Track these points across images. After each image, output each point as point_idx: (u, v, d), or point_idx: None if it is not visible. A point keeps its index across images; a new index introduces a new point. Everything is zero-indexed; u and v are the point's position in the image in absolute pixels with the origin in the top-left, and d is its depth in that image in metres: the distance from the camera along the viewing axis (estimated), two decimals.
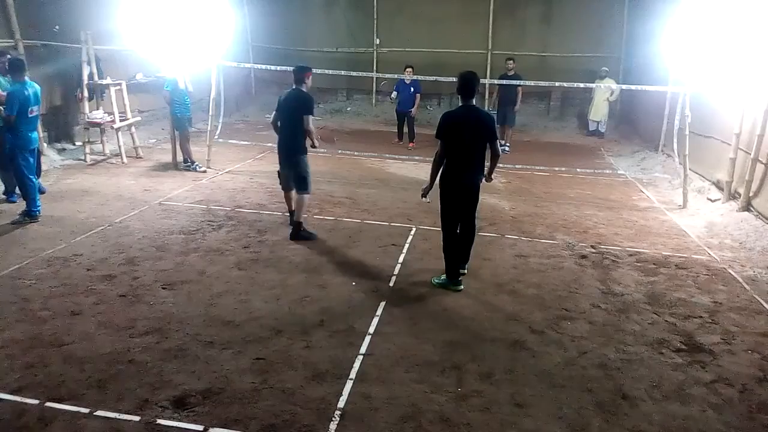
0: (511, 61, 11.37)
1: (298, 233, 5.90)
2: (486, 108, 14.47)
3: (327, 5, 14.68)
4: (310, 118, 5.79)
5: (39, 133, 6.15)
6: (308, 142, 5.91)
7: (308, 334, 4.05)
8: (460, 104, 4.79)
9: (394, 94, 11.13)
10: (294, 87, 5.92)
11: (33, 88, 6.02)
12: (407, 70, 10.85)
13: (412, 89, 11.02)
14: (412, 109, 11.13)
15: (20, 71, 5.94)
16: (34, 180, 6.12)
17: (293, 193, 6.05)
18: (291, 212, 6.19)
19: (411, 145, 11.15)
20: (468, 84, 4.70)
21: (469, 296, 4.80)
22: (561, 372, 3.71)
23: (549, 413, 3.28)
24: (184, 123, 8.66)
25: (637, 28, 12.82)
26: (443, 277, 4.96)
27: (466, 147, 4.67)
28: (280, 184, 6.23)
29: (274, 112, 6.10)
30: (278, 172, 6.17)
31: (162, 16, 9.56)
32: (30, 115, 5.96)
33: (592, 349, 4.00)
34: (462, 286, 4.91)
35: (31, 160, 6.13)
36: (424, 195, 4.95)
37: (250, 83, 15.55)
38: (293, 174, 5.96)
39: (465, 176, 4.73)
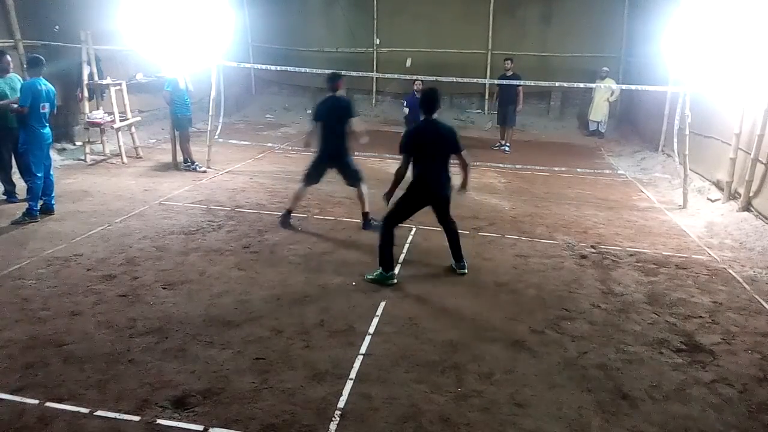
0: (509, 61, 11.30)
1: (368, 223, 6.20)
2: (486, 108, 14.53)
3: (327, 5, 14.68)
4: (355, 120, 6.20)
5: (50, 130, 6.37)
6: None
7: (308, 334, 4.05)
8: (422, 119, 5.03)
9: (405, 110, 10.78)
10: (330, 95, 6.15)
11: (46, 86, 6.14)
12: (416, 83, 10.53)
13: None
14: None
15: (37, 68, 6.12)
16: (41, 178, 6.13)
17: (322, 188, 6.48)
18: (289, 211, 6.37)
19: None
20: (429, 100, 4.98)
21: (469, 296, 4.80)
22: (561, 372, 3.71)
23: (549, 413, 3.28)
24: (185, 123, 8.66)
25: (637, 28, 12.82)
26: (377, 272, 4.95)
27: (430, 159, 4.93)
28: (307, 181, 6.29)
29: (312, 122, 6.27)
30: (309, 170, 6.26)
31: (162, 16, 9.56)
32: (41, 111, 6.08)
33: (592, 349, 4.00)
34: (395, 280, 4.94)
35: (42, 157, 6.21)
36: (386, 198, 5.07)
37: (250, 83, 15.56)
38: (346, 172, 6.22)
39: (433, 187, 5.00)
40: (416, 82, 10.65)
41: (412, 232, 6.26)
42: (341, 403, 3.28)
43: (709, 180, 8.31)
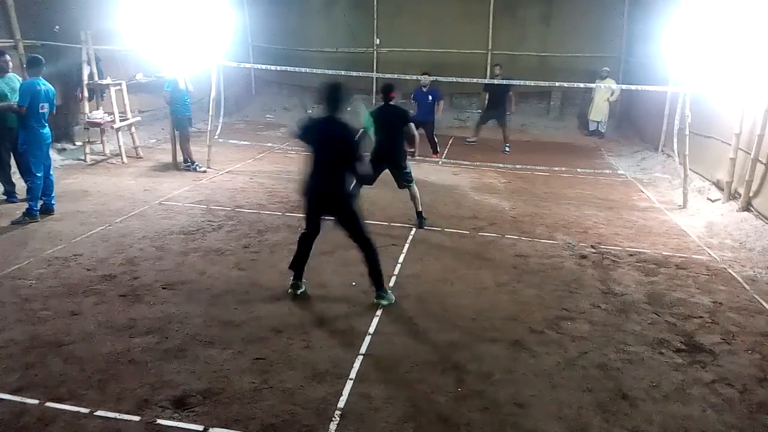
0: (498, 67, 11.54)
1: (422, 221, 6.50)
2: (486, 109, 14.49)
3: (327, 5, 14.68)
4: (412, 126, 6.48)
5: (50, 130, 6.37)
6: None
7: (308, 334, 4.05)
8: (325, 114, 4.40)
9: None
10: (384, 104, 6.47)
11: (45, 86, 6.14)
12: (423, 75, 10.16)
13: (430, 97, 10.20)
14: (435, 116, 10.47)
15: (37, 68, 6.13)
16: (41, 178, 6.14)
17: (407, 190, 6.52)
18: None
19: (435, 156, 10.37)
20: (329, 96, 4.34)
21: (469, 296, 4.80)
22: (561, 372, 3.71)
23: (549, 413, 3.28)
24: (185, 123, 8.66)
25: (637, 28, 12.82)
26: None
27: (322, 161, 4.38)
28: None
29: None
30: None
31: (162, 16, 9.56)
32: (40, 111, 6.08)
33: (592, 349, 4.00)
34: (300, 290, 4.65)
35: (42, 157, 6.21)
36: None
37: (250, 83, 15.55)
38: (399, 175, 6.43)
39: (322, 193, 4.47)
40: (423, 75, 10.24)
41: (412, 232, 6.26)
42: (341, 403, 3.28)
43: (709, 180, 8.31)
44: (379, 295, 4.52)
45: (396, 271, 5.23)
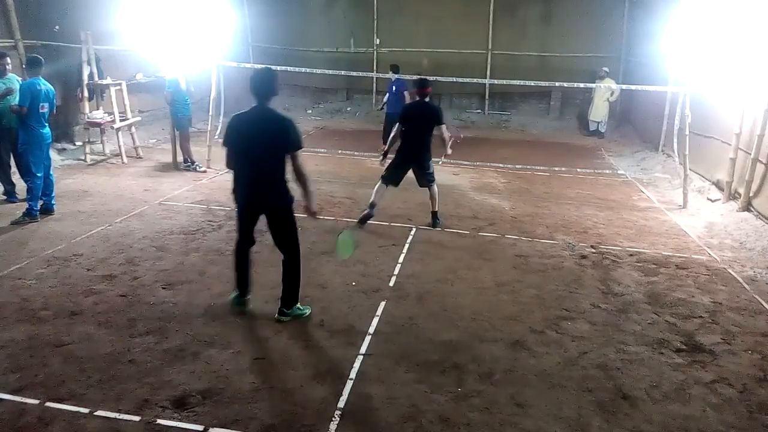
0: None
1: (437, 221, 6.43)
2: (486, 108, 14.49)
3: (327, 5, 14.69)
4: (443, 127, 6.32)
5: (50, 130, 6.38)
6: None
7: (308, 334, 4.05)
8: (253, 105, 3.98)
9: (386, 96, 10.59)
10: (419, 100, 6.33)
11: (45, 86, 6.15)
12: (392, 68, 10.49)
13: (394, 88, 10.26)
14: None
15: (36, 68, 6.14)
16: (41, 178, 6.14)
17: (427, 189, 6.44)
18: (373, 205, 6.31)
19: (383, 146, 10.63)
20: (259, 83, 3.95)
21: (469, 296, 4.80)
22: (561, 372, 3.71)
23: (549, 413, 3.28)
24: (185, 123, 8.67)
25: (637, 28, 12.83)
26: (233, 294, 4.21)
27: (254, 158, 3.87)
28: (389, 180, 6.32)
29: (397, 127, 6.33)
30: (389, 171, 6.32)
31: (162, 16, 9.55)
32: (40, 111, 6.09)
33: (592, 349, 4.00)
34: (245, 307, 4.22)
35: (42, 157, 6.22)
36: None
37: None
38: (422, 174, 6.28)
39: (258, 193, 3.96)
40: (392, 69, 10.53)
41: (412, 232, 6.26)
42: (341, 403, 3.28)
43: (709, 180, 8.31)
44: (283, 312, 4.17)
45: (396, 271, 5.23)
